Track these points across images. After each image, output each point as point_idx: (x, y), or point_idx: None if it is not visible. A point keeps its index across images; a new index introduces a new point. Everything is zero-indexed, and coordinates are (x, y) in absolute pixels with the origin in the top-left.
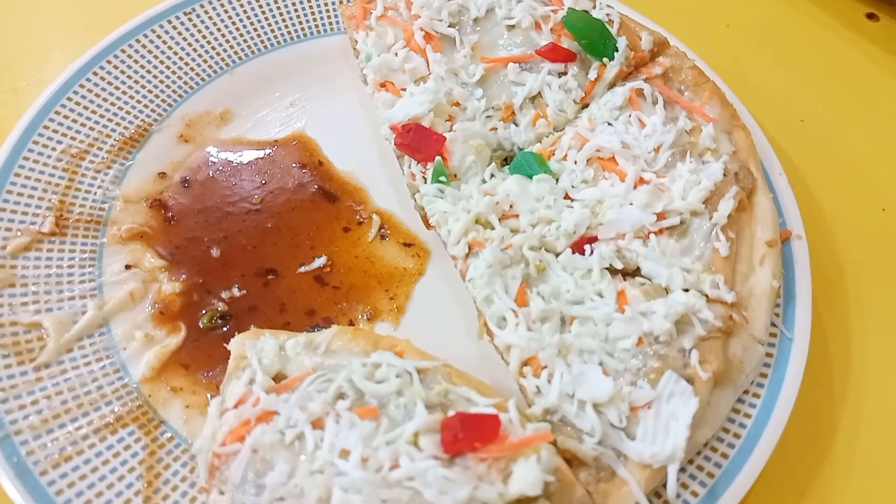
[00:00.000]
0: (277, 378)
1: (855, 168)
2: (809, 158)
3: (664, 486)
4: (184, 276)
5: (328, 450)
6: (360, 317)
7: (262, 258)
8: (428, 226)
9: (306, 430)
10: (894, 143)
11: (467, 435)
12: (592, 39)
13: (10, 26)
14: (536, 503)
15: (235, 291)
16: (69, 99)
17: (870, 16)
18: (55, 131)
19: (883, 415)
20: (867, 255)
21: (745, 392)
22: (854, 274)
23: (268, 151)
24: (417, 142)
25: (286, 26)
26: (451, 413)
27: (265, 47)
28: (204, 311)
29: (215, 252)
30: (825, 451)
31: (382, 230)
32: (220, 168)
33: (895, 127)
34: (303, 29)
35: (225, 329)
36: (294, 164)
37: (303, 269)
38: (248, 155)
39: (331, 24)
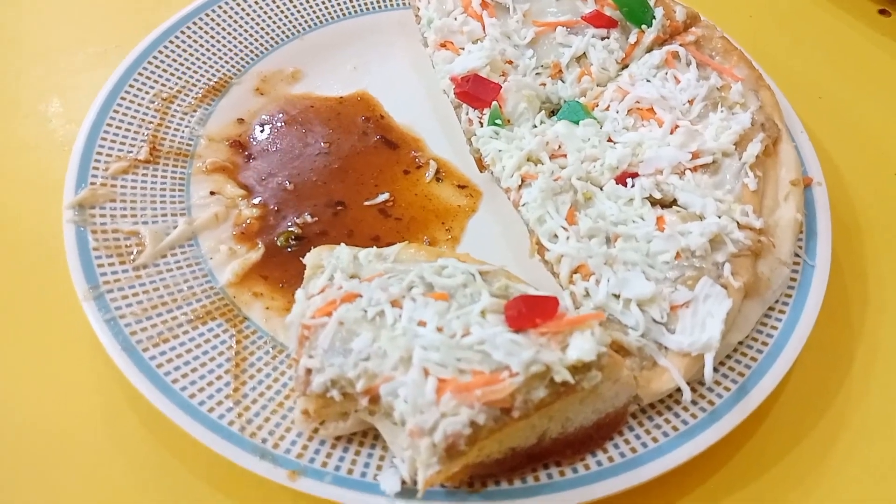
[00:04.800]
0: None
1: (869, 139)
2: (827, 130)
3: (699, 382)
4: (261, 203)
5: (407, 321)
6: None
7: (331, 192)
8: (482, 168)
9: (386, 308)
10: None
11: (529, 311)
12: (633, 8)
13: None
14: (590, 373)
15: (308, 218)
16: (160, 52)
17: (882, 11)
18: (148, 78)
19: None
20: (881, 211)
21: (771, 309)
22: (870, 226)
23: (334, 106)
24: (475, 90)
25: (351, 1)
26: None
27: (332, 18)
28: (280, 233)
29: (289, 185)
30: (845, 369)
31: (438, 174)
32: (292, 118)
33: None
34: (365, 4)
35: (298, 249)
36: (358, 118)
37: (368, 203)
38: (317, 108)
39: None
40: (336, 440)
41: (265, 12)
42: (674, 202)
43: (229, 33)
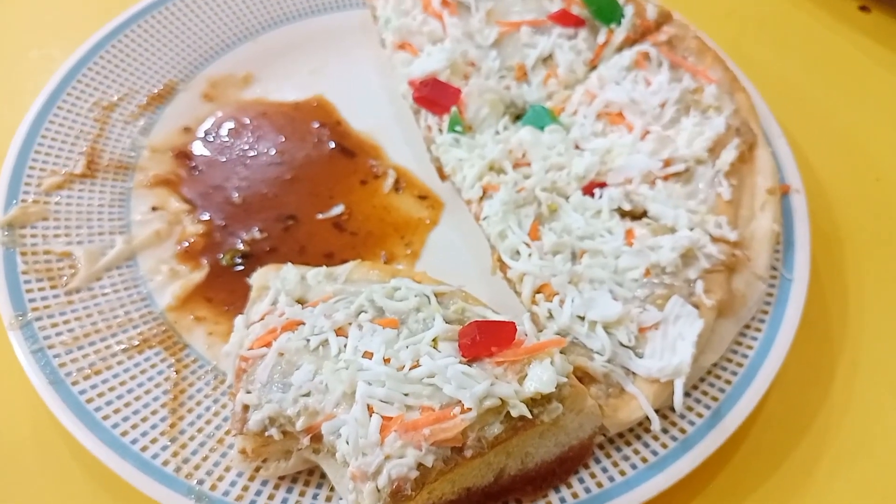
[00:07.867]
0: (299, 304)
1: (850, 143)
2: (806, 134)
3: (670, 409)
4: (207, 219)
5: (352, 352)
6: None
7: (282, 205)
8: (443, 177)
9: (330, 336)
10: (887, 122)
11: (484, 338)
12: (601, 6)
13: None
14: (550, 405)
15: (256, 234)
16: (101, 57)
17: (862, 8)
18: (87, 85)
19: (880, 358)
20: (862, 217)
21: (747, 327)
22: (851, 235)
23: (288, 112)
24: (435, 94)
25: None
26: None
27: (287, 18)
28: (226, 251)
29: (237, 198)
30: (825, 387)
31: (398, 184)
32: (243, 125)
33: (887, 108)
34: (322, 3)
35: (245, 268)
36: (313, 124)
37: (321, 216)
38: (269, 114)
39: None
40: (279, 480)
41: (215, 13)
42: (644, 213)
43: (176, 35)
